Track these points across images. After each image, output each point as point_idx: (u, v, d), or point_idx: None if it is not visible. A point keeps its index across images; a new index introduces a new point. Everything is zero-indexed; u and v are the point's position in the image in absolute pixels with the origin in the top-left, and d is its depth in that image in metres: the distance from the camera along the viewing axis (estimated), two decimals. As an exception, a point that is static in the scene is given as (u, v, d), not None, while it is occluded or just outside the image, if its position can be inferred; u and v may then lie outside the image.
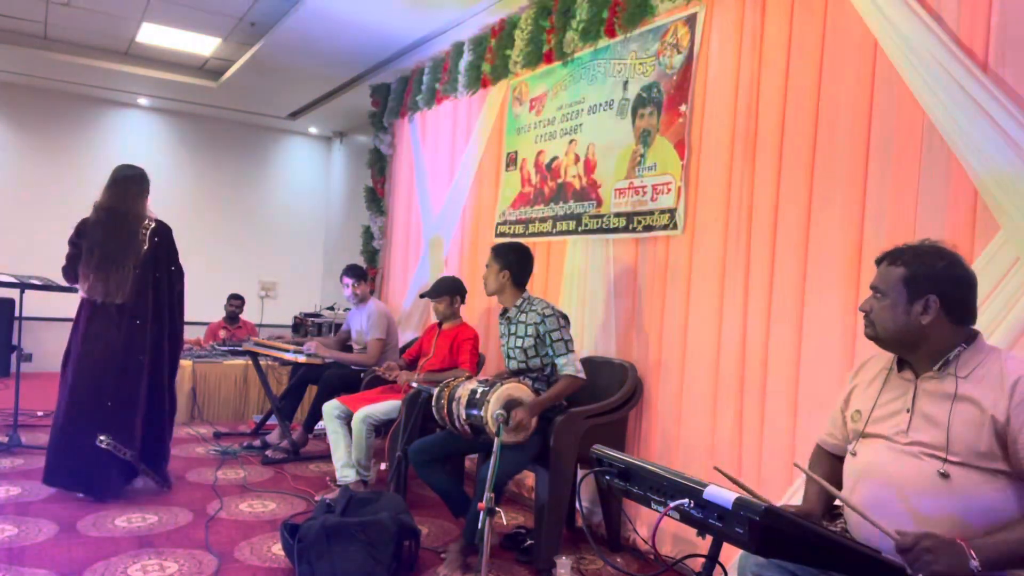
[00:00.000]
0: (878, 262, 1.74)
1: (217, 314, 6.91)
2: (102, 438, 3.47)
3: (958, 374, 1.60)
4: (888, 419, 1.68)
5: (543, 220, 4.19)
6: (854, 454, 1.73)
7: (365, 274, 4.72)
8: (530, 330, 3.12)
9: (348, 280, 4.60)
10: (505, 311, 3.27)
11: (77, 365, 3.56)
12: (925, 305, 1.62)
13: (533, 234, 4.21)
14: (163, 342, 3.74)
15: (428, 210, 5.47)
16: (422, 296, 4.22)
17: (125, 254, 3.59)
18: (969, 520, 1.50)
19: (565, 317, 3.15)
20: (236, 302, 6.77)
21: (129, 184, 3.71)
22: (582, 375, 3.07)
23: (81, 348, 3.57)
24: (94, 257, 3.56)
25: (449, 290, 3.99)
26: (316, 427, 4.47)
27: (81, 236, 3.63)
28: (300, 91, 6.99)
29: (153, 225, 3.73)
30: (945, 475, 1.53)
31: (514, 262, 3.22)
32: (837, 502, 1.71)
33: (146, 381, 3.66)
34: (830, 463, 1.88)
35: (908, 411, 1.64)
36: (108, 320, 3.57)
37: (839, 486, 1.78)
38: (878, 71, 2.51)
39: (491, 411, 2.84)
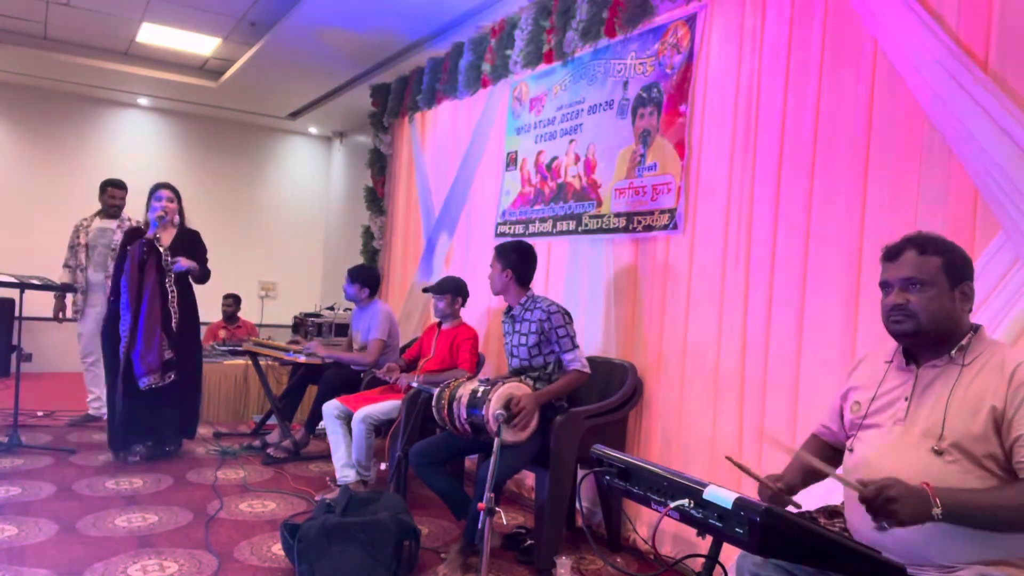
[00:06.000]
0: (896, 253, 1.69)
1: (217, 314, 6.91)
2: None
3: (964, 362, 1.61)
4: (887, 408, 1.69)
5: (543, 220, 4.19)
6: (851, 450, 1.74)
7: (375, 282, 4.68)
8: (534, 327, 3.12)
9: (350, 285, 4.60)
10: (509, 309, 3.28)
11: None
12: (963, 292, 1.64)
13: (533, 234, 4.21)
14: None
15: (428, 210, 5.47)
16: (425, 291, 4.22)
17: None
18: None
19: (569, 314, 3.16)
20: (228, 301, 6.78)
21: None
22: (588, 370, 3.08)
23: None
24: None
25: (452, 289, 3.99)
26: (316, 427, 4.47)
27: None
28: (300, 91, 6.99)
29: None
30: (939, 452, 1.55)
31: (516, 261, 3.22)
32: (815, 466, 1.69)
33: None
34: (820, 446, 1.92)
35: (907, 399, 1.65)
36: None
37: (821, 474, 1.81)
38: (878, 71, 2.51)
39: (492, 410, 2.84)
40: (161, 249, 4.13)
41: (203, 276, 4.37)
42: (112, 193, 5.12)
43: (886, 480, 1.45)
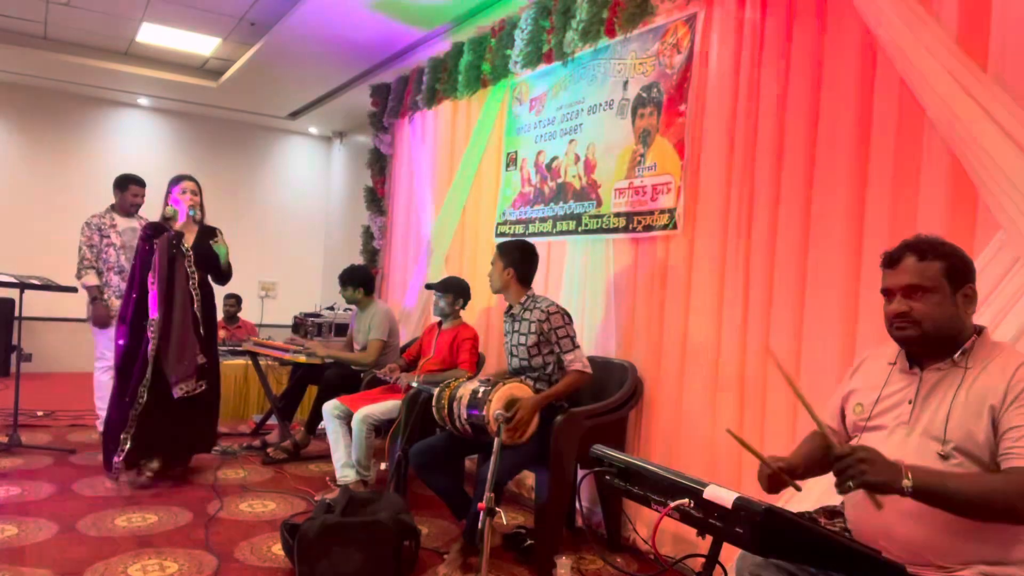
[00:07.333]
0: (895, 260, 1.68)
1: (218, 314, 6.92)
2: None
3: (968, 364, 1.61)
4: (891, 411, 1.69)
5: (543, 220, 4.19)
6: None
7: (367, 280, 4.70)
8: (533, 327, 3.12)
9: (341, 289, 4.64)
10: (510, 308, 3.28)
11: None
12: (965, 295, 1.64)
13: (533, 234, 4.21)
14: None
15: (428, 210, 5.47)
16: (428, 287, 4.23)
17: None
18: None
19: (569, 315, 3.16)
20: (230, 301, 6.79)
21: None
22: (589, 370, 3.08)
23: None
24: None
25: (456, 289, 4.00)
26: (317, 427, 4.47)
27: None
28: (300, 91, 6.99)
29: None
30: (944, 456, 1.54)
31: (518, 260, 3.23)
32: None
33: None
34: (822, 442, 1.90)
35: (911, 402, 1.65)
36: None
37: (823, 466, 1.82)
38: (878, 71, 2.51)
39: (492, 411, 2.84)
40: (184, 249, 3.91)
41: (227, 272, 4.15)
42: (135, 191, 4.78)
43: (862, 446, 1.49)
